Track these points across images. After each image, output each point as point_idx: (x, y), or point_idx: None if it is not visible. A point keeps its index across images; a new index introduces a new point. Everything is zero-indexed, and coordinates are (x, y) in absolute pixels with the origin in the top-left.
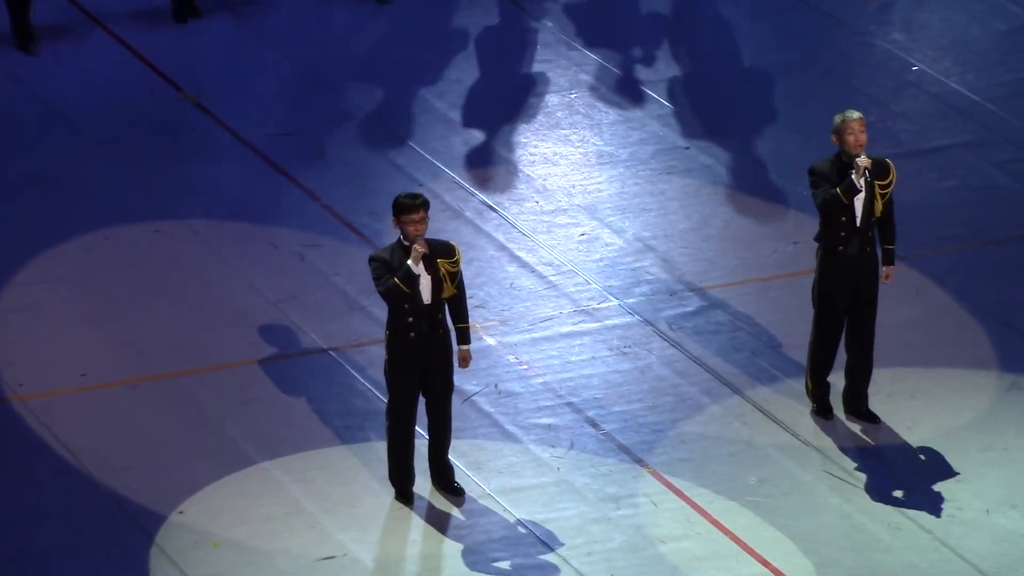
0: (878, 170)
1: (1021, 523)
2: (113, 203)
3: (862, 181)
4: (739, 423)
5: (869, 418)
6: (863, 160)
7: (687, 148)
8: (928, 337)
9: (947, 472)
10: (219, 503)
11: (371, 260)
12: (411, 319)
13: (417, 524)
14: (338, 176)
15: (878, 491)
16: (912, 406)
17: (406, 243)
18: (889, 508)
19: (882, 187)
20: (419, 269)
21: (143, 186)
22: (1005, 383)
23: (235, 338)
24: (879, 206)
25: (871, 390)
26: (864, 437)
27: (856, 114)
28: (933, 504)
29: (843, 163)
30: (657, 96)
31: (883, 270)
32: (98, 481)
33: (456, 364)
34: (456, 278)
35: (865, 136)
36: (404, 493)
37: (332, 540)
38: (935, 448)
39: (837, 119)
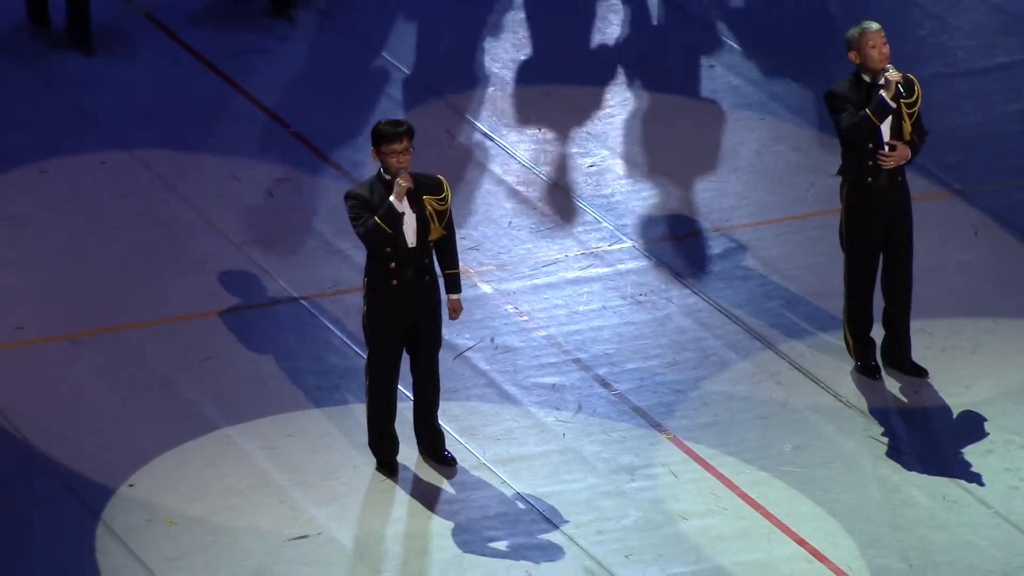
0: (903, 86)
1: None
2: (49, 131)
3: (893, 98)
4: (772, 382)
5: (915, 371)
6: (893, 74)
7: (712, 67)
8: (989, 283)
9: (1009, 437)
10: (175, 475)
11: (348, 197)
12: (393, 264)
13: (401, 498)
14: (311, 99)
15: (931, 460)
16: (971, 362)
17: (387, 177)
18: (943, 479)
19: (909, 105)
20: (403, 207)
21: (84, 111)
22: None
23: (193, 286)
24: (907, 127)
25: (922, 343)
26: (915, 398)
27: (875, 25)
28: (994, 474)
29: (864, 82)
30: (679, 4)
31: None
32: (36, 449)
33: (445, 316)
34: (445, 217)
35: (888, 48)
36: (387, 463)
37: (305, 517)
38: (996, 409)
39: (854, 32)
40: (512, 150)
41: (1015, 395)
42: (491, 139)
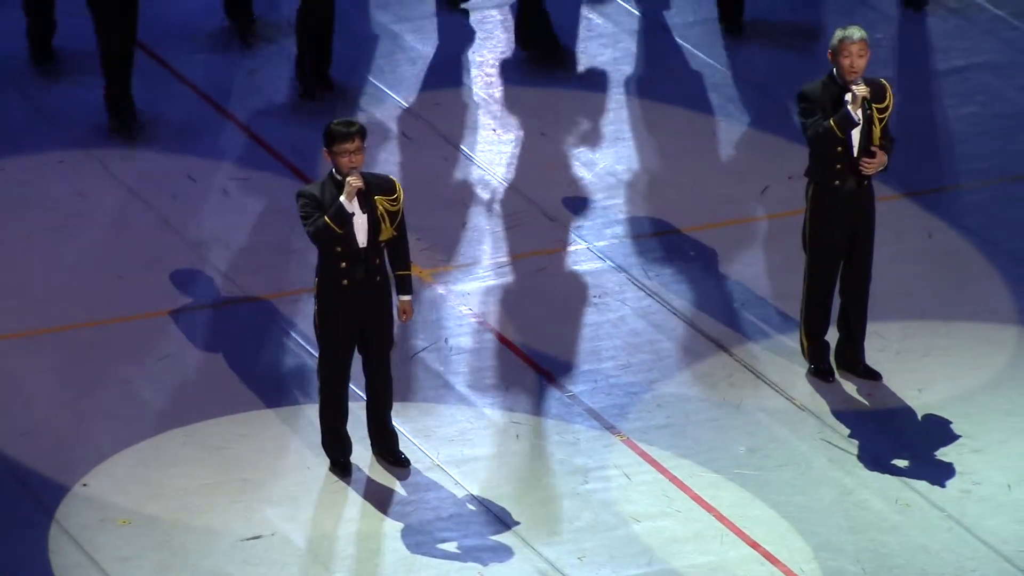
0: (874, 93)
1: None
2: (7, 130)
3: (859, 112)
4: (725, 385)
5: (869, 374)
6: (860, 89)
7: (669, 68)
8: (942, 286)
9: (963, 441)
10: (129, 474)
11: (299, 196)
12: (344, 264)
13: (354, 499)
14: (268, 101)
15: (884, 463)
16: (923, 365)
17: (339, 177)
18: (897, 482)
19: (880, 111)
20: (353, 207)
21: (41, 109)
22: None
23: (149, 286)
24: (877, 133)
25: (875, 346)
26: (868, 401)
27: (859, 34)
28: (947, 478)
29: (838, 86)
30: (632, 9)
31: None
32: None
33: (396, 317)
34: (397, 218)
35: (864, 61)
36: (340, 464)
37: (258, 517)
38: (949, 413)
39: (836, 36)
40: (467, 151)
41: (968, 398)
42: (445, 139)
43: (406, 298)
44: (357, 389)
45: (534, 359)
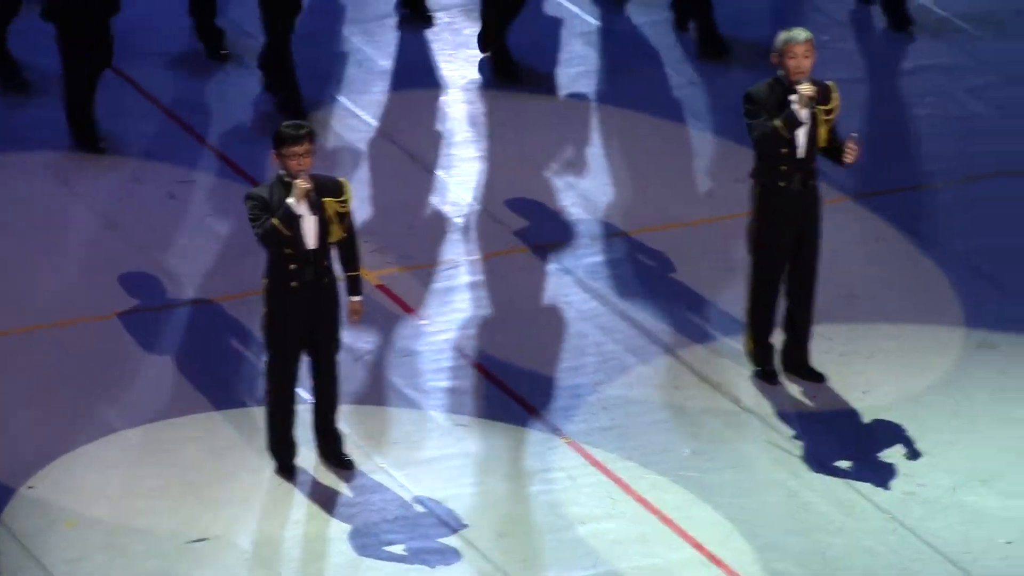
0: (819, 95)
1: (991, 501)
2: None
3: (805, 112)
4: (670, 387)
5: (813, 376)
6: (806, 89)
7: (612, 71)
8: (887, 289)
9: (908, 443)
10: (75, 477)
11: (247, 198)
12: (293, 266)
13: (300, 502)
14: (214, 102)
15: (829, 465)
16: (869, 368)
17: (288, 179)
18: (841, 484)
19: (826, 113)
20: (302, 209)
21: None
22: (973, 341)
23: (93, 288)
24: (823, 134)
25: (821, 348)
26: (814, 403)
27: (803, 35)
28: (891, 480)
29: (784, 87)
30: (579, 12)
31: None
32: None
33: (345, 318)
34: (345, 219)
35: (810, 62)
36: (286, 466)
37: (204, 519)
38: (894, 415)
39: (781, 38)
40: (413, 153)
41: (912, 401)
42: (392, 142)
43: (357, 299)
44: (302, 391)
45: (480, 361)
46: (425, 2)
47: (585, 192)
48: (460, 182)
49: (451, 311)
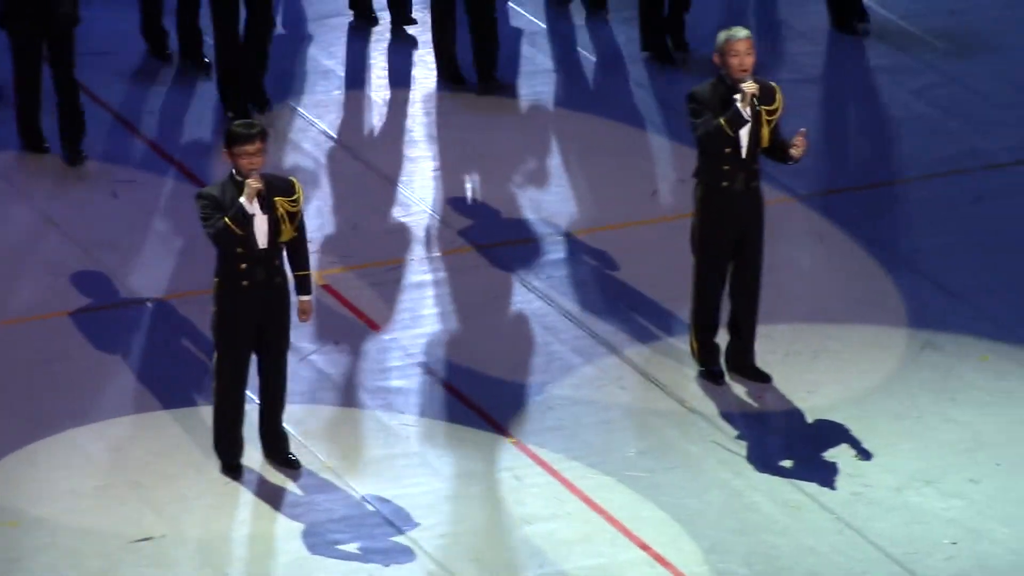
0: (763, 95)
1: (936, 502)
2: None
3: (749, 110)
4: (616, 387)
5: (758, 377)
6: (749, 86)
7: (555, 71)
8: (831, 289)
9: (853, 443)
10: (19, 476)
11: (199, 197)
12: (244, 265)
13: (246, 501)
14: (157, 101)
15: (774, 465)
16: (813, 368)
17: (239, 178)
18: (787, 485)
19: (769, 113)
20: (253, 208)
21: None
22: (918, 341)
23: (37, 287)
24: (766, 134)
25: (765, 348)
26: (758, 403)
27: (743, 32)
28: (836, 480)
29: (726, 87)
30: (520, 9)
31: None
32: None
33: (296, 318)
34: (296, 219)
35: (752, 59)
36: (231, 465)
37: (149, 519)
38: (839, 415)
39: (721, 37)
40: (356, 152)
41: (857, 401)
42: (335, 141)
43: (306, 298)
44: (249, 391)
45: (425, 361)
46: (371, 3)
47: (530, 193)
48: (405, 182)
49: (397, 311)
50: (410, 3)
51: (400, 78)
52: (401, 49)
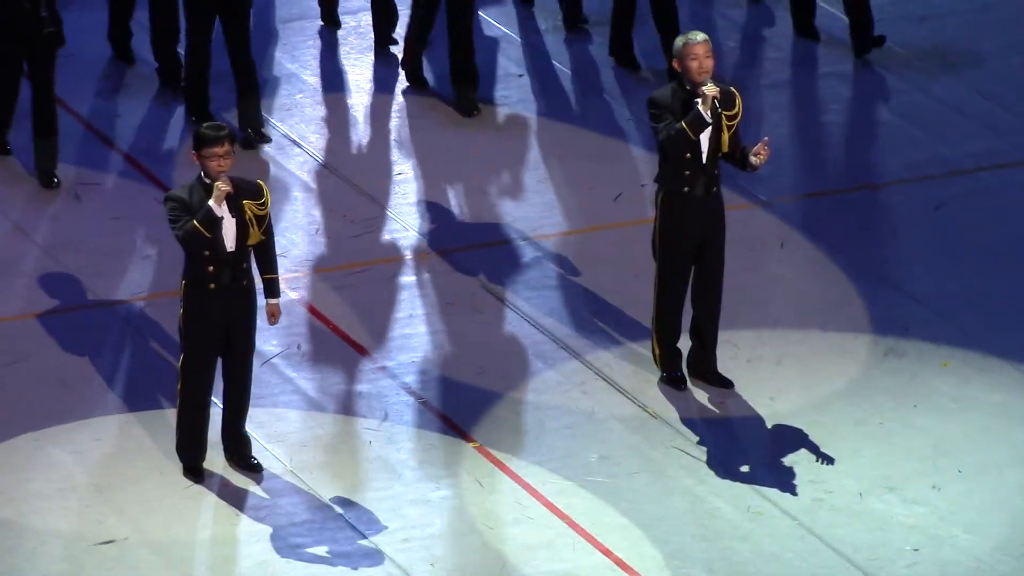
0: (723, 100)
1: (899, 508)
2: None
3: (710, 112)
4: (578, 392)
5: (720, 382)
6: (710, 88)
7: (520, 75)
8: (794, 295)
9: (815, 449)
10: None
11: (167, 199)
12: (212, 268)
13: (209, 504)
14: (120, 104)
15: (736, 471)
16: (776, 374)
17: (208, 181)
18: (748, 490)
19: (729, 118)
20: (222, 211)
21: None
22: (880, 348)
23: (4, 290)
24: (726, 140)
25: (727, 354)
26: (720, 409)
27: (700, 36)
28: (799, 486)
29: (686, 92)
30: (487, 17)
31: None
32: None
33: (263, 321)
34: (264, 222)
35: (711, 62)
36: (194, 468)
37: (111, 521)
38: (801, 421)
39: (679, 42)
40: (320, 157)
41: (820, 407)
42: (298, 145)
43: (274, 301)
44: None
45: (387, 366)
46: (336, 6)
47: (492, 197)
48: (367, 186)
49: (358, 316)
50: (395, 24)
51: (366, 82)
52: (367, 53)
